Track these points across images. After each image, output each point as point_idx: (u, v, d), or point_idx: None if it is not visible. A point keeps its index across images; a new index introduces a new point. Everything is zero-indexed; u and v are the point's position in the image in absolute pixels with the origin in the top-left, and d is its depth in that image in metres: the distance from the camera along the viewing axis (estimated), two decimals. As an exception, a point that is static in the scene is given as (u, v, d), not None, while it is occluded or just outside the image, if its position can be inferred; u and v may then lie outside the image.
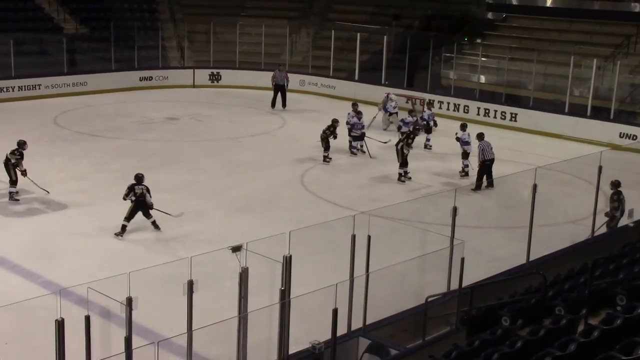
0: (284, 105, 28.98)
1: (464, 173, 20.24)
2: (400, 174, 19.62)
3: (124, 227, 15.29)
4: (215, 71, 33.02)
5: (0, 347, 7.10)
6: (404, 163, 19.66)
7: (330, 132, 21.43)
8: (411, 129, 20.58)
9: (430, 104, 23.46)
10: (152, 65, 32.66)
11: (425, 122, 23.28)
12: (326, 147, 21.42)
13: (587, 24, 29.92)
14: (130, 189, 15.42)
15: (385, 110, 25.66)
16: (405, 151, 19.67)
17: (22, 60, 29.04)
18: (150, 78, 32.06)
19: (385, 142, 22.49)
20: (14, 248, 14.59)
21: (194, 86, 32.70)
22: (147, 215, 15.52)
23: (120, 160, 21.00)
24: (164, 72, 32.56)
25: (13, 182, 17.06)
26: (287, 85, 29.15)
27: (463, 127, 20.60)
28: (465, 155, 20.17)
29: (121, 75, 31.37)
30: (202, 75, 32.90)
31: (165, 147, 22.83)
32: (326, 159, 21.38)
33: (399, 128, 22.23)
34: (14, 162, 16.98)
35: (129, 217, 15.35)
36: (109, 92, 30.28)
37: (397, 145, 19.87)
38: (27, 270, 13.62)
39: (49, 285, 12.84)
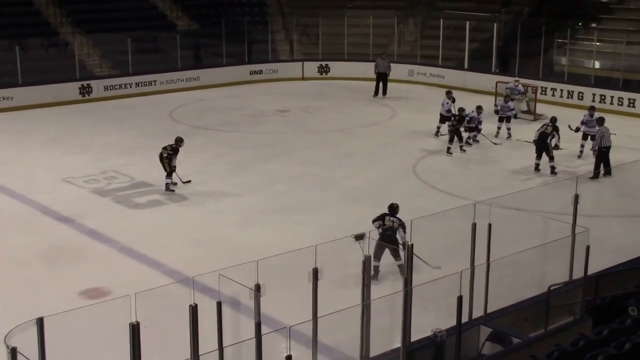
0: (384, 93, 29.28)
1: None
2: (552, 167, 19.19)
3: (375, 269, 12.58)
4: (323, 63, 33.26)
5: (141, 330, 7.40)
6: (553, 157, 19.29)
7: (456, 121, 21.20)
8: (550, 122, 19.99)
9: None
10: (262, 59, 33.23)
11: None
12: (452, 138, 21.16)
13: None
14: (380, 218, 13.13)
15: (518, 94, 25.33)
16: (558, 143, 19.55)
17: (138, 57, 30.07)
18: (261, 72, 32.58)
19: (496, 144, 22.17)
20: (138, 238, 15.16)
21: (303, 79, 33.04)
22: (396, 255, 12.79)
23: (234, 152, 21.50)
24: (273, 65, 33.01)
25: (168, 174, 17.78)
26: (389, 74, 29.50)
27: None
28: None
29: (232, 70, 32.00)
30: (311, 67, 33.19)
31: (277, 139, 23.20)
32: (449, 150, 21.11)
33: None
34: (166, 156, 17.75)
35: (375, 256, 12.55)
36: (221, 86, 31.00)
37: (543, 140, 19.27)
38: (152, 259, 14.14)
39: (173, 274, 13.32)
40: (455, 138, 21.24)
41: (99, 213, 16.65)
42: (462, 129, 21.40)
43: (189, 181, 18.29)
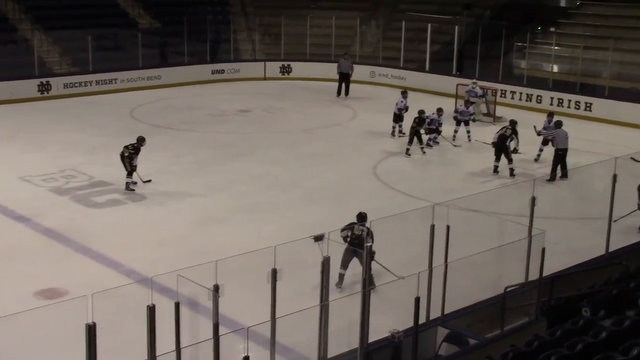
0: (346, 93, 29.56)
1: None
2: (511, 170, 19.38)
3: (341, 277, 12.47)
4: (285, 63, 33.27)
5: (97, 331, 7.34)
6: (511, 159, 19.51)
7: (417, 123, 21.29)
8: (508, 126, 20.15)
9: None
10: (224, 58, 33.14)
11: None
12: (411, 140, 21.25)
13: (665, 10, 29.21)
14: (349, 227, 12.53)
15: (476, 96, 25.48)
16: (517, 147, 19.68)
17: (99, 55, 29.78)
18: (222, 71, 32.49)
19: (456, 146, 22.38)
20: (96, 238, 15.00)
21: (264, 79, 33.01)
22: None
23: (195, 152, 21.40)
24: (235, 65, 32.96)
25: (128, 173, 17.67)
26: (351, 74, 29.73)
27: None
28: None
29: (194, 69, 31.90)
30: (273, 67, 33.19)
31: (239, 139, 23.15)
32: (408, 152, 21.24)
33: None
34: (127, 155, 17.63)
35: (343, 264, 12.40)
36: (182, 85, 30.85)
37: (502, 142, 19.47)
38: (110, 259, 14.02)
39: (131, 274, 13.22)
40: (415, 140, 21.38)
41: (56, 212, 16.47)
42: (422, 131, 21.53)
43: (149, 180, 18.18)
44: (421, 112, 21.46)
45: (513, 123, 20.04)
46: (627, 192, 15.31)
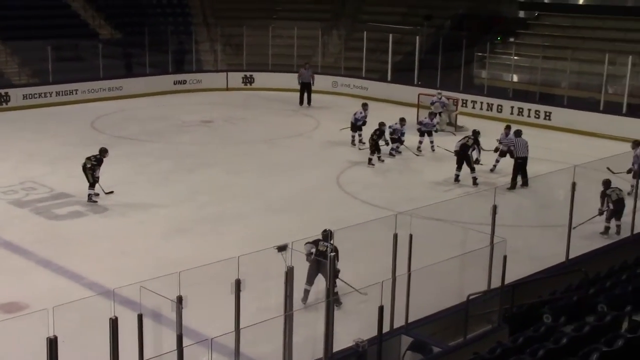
0: (309, 102, 29.74)
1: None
2: (474, 178, 19.54)
3: (306, 293, 12.23)
4: (248, 74, 33.28)
5: (59, 345, 7.27)
6: (474, 168, 19.68)
7: (377, 135, 21.40)
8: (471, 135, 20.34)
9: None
10: (186, 69, 33.07)
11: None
12: (373, 150, 21.38)
13: (621, 21, 29.77)
14: (315, 243, 12.14)
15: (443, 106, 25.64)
16: (478, 157, 19.92)
17: (59, 65, 29.52)
18: (184, 82, 32.40)
19: (418, 155, 22.53)
20: (57, 250, 14.83)
21: (227, 89, 32.96)
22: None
23: (157, 163, 21.29)
24: (197, 75, 32.90)
25: (91, 184, 17.52)
26: (313, 83, 29.94)
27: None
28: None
29: (156, 79, 31.75)
30: (235, 78, 33.16)
31: (201, 150, 23.08)
32: (371, 162, 21.32)
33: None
34: (90, 167, 17.49)
35: (308, 280, 12.18)
36: (144, 96, 30.68)
37: (464, 151, 19.60)
38: (71, 271, 13.85)
39: (93, 287, 13.08)
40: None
41: (16, 225, 16.26)
42: (381, 142, 21.62)
43: (112, 192, 18.03)
44: (381, 124, 21.59)
45: (475, 133, 20.24)
46: (587, 199, 15.53)
